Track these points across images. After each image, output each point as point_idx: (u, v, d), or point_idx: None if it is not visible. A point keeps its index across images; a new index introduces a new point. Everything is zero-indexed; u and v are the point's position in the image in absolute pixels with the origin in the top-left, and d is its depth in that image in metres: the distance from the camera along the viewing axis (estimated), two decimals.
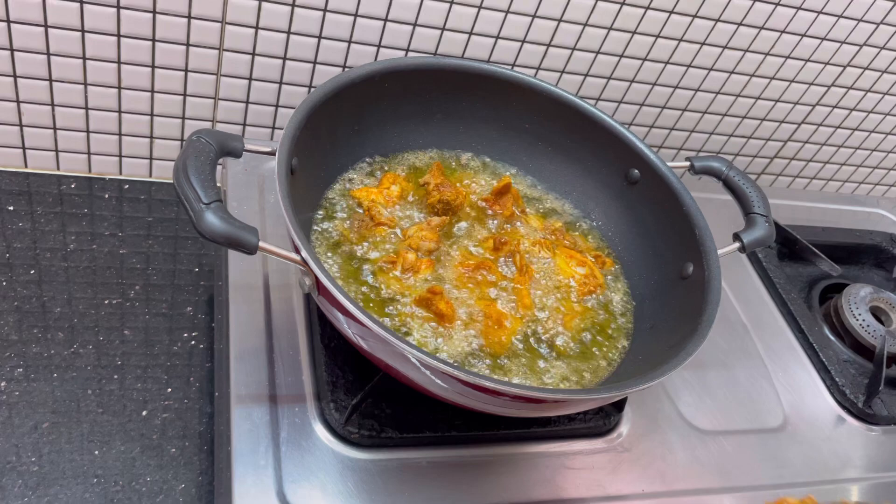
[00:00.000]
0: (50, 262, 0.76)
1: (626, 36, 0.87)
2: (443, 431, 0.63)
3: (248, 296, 0.68)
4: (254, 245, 0.51)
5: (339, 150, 0.71)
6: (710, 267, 0.65)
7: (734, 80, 0.96)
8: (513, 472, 0.64)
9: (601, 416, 0.69)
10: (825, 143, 1.10)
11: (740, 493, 0.70)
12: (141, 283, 0.78)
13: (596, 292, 0.71)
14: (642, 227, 0.74)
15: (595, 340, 0.68)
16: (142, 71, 0.78)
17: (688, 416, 0.74)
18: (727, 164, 0.73)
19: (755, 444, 0.75)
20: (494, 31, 0.84)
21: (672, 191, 0.70)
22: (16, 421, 0.65)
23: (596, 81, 0.92)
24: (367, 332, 0.52)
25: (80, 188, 0.85)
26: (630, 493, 0.66)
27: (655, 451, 0.70)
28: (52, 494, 0.61)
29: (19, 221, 0.79)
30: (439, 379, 0.53)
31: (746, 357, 0.83)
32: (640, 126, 0.99)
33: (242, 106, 0.85)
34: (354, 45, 0.81)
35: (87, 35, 0.74)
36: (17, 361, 0.68)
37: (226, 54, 0.79)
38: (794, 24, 0.91)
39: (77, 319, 0.73)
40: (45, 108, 0.79)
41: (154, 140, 0.85)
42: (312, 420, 0.61)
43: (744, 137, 1.05)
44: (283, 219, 0.55)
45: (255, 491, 0.56)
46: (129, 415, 0.68)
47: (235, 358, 0.63)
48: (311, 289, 0.54)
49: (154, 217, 0.84)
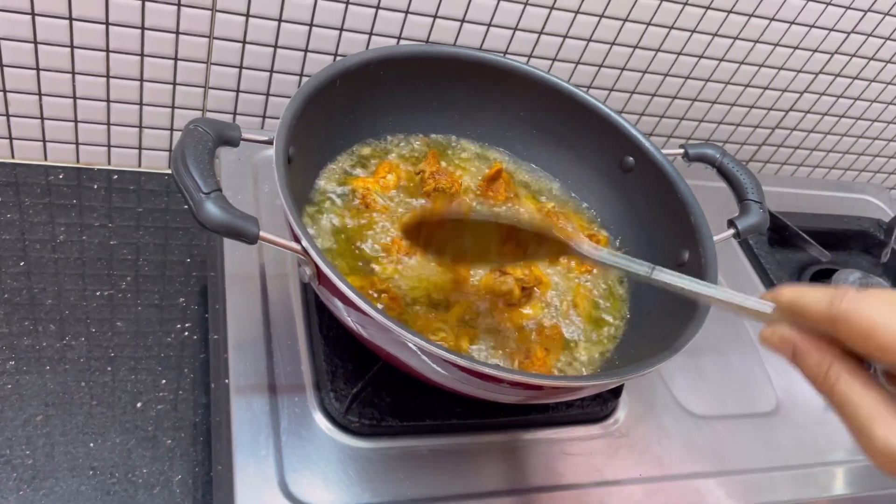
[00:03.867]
0: (39, 254, 0.75)
1: (618, 24, 0.87)
2: (443, 419, 0.63)
3: (244, 286, 0.68)
4: (254, 235, 0.50)
5: (333, 139, 0.71)
6: (706, 253, 0.65)
7: (724, 67, 0.96)
8: (512, 458, 0.65)
9: (598, 403, 0.69)
10: (813, 130, 1.11)
11: (735, 476, 0.71)
12: (132, 275, 0.77)
13: (591, 272, 0.72)
14: (637, 215, 0.75)
15: (592, 327, 0.68)
16: (131, 59, 0.77)
17: (683, 401, 0.75)
18: (721, 151, 0.74)
19: (749, 428, 0.76)
20: (486, 19, 0.83)
21: (667, 178, 0.71)
22: (8, 414, 0.64)
23: (587, 69, 0.92)
24: (367, 321, 0.52)
25: (68, 179, 0.84)
26: (627, 478, 0.67)
27: (651, 436, 0.71)
28: (47, 487, 0.61)
29: (7, 213, 0.77)
30: (439, 366, 0.53)
31: (739, 343, 0.83)
32: (630, 113, 1.00)
33: (233, 95, 0.84)
34: (346, 32, 0.81)
35: (75, 23, 0.73)
36: (9, 354, 0.68)
37: (216, 42, 0.78)
38: (783, 12, 0.91)
39: (68, 311, 0.72)
40: (33, 97, 0.78)
41: (143, 130, 0.84)
42: (312, 409, 0.61)
43: (733, 125, 1.06)
44: (278, 208, 0.54)
45: (257, 481, 0.56)
46: (124, 407, 0.67)
47: (234, 348, 0.63)
48: (311, 278, 0.54)
49: (144, 207, 0.83)
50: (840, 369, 0.36)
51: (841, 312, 0.35)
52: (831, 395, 0.36)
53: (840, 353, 0.37)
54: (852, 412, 0.35)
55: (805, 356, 0.37)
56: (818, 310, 0.37)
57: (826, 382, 0.36)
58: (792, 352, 0.38)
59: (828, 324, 0.36)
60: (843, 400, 0.36)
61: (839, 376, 0.36)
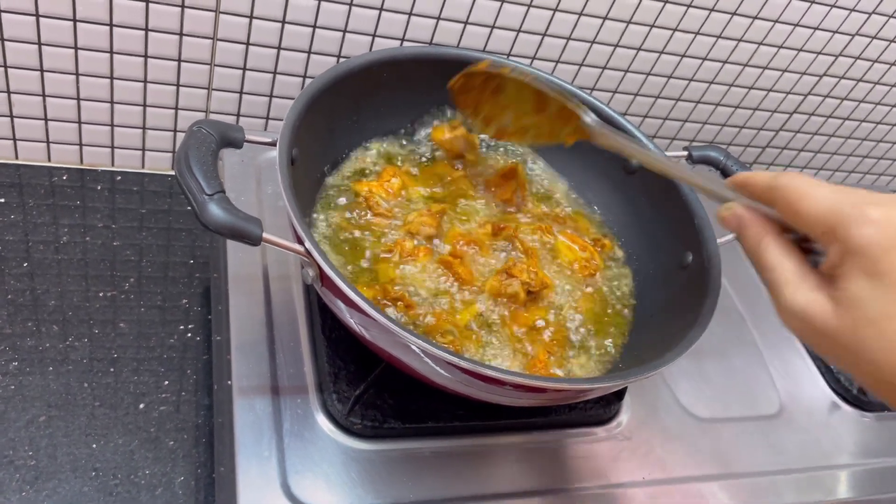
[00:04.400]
0: (43, 255, 0.75)
1: (621, 26, 0.87)
2: (445, 421, 0.63)
3: (247, 287, 0.68)
4: (258, 236, 0.50)
5: (337, 141, 0.71)
6: (710, 256, 0.65)
7: (728, 69, 0.96)
8: (515, 461, 0.64)
9: (601, 405, 0.69)
10: (817, 133, 1.10)
11: (738, 480, 0.71)
12: (135, 276, 0.77)
13: (595, 276, 0.71)
14: (641, 217, 0.75)
15: (595, 329, 0.68)
16: (134, 61, 0.77)
17: (686, 404, 0.75)
18: (725, 154, 0.74)
19: (752, 430, 0.75)
20: (490, 21, 0.83)
21: (671, 180, 0.70)
22: (11, 415, 0.64)
23: (591, 71, 0.92)
24: (370, 323, 0.52)
25: (71, 180, 0.84)
26: (630, 481, 0.67)
27: (655, 438, 0.71)
28: (50, 488, 0.61)
29: (11, 214, 0.78)
30: (441, 368, 0.53)
31: (743, 345, 0.83)
32: (634, 116, 1.00)
33: (236, 96, 0.84)
34: (350, 34, 0.81)
35: (79, 24, 0.73)
36: (12, 355, 0.68)
37: (219, 44, 0.78)
38: (787, 14, 0.91)
39: (71, 312, 0.72)
40: (37, 98, 0.78)
41: (147, 131, 0.84)
42: (315, 411, 0.61)
43: (737, 127, 1.06)
44: (282, 209, 0.54)
45: (260, 482, 0.56)
46: (126, 408, 0.67)
47: (237, 350, 0.63)
48: (314, 280, 0.54)
49: (147, 209, 0.83)
50: (770, 239, 0.42)
51: (780, 182, 0.41)
52: (759, 259, 0.42)
53: (776, 229, 0.42)
54: (771, 275, 0.41)
55: (747, 227, 0.43)
56: (763, 180, 0.43)
57: (758, 250, 0.42)
58: (738, 223, 0.44)
59: (768, 191, 0.42)
60: (767, 263, 0.41)
61: (769, 245, 0.41)
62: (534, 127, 0.68)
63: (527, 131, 0.69)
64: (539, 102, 0.66)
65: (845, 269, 0.37)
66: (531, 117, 0.67)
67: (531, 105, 0.66)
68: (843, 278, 0.37)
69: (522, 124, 0.68)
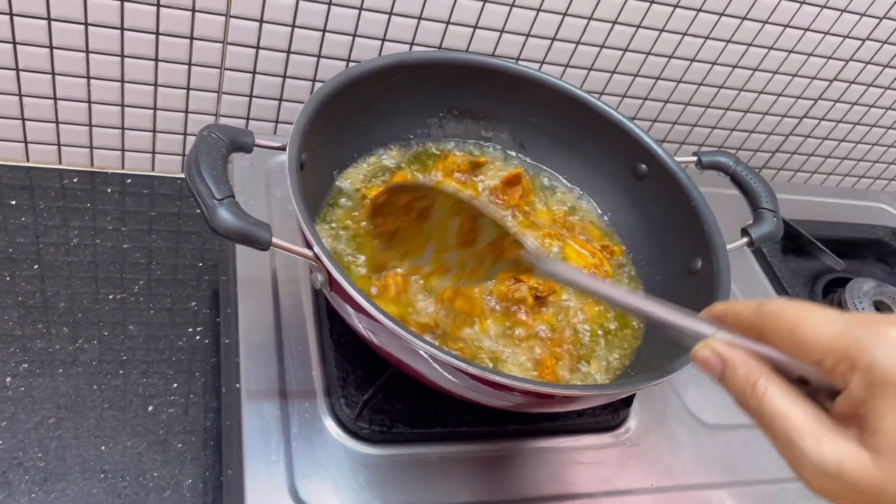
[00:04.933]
0: (53, 257, 0.76)
1: (631, 30, 0.87)
2: (453, 427, 0.63)
3: (256, 291, 0.68)
4: (267, 241, 0.50)
5: (346, 145, 0.71)
6: (719, 262, 0.65)
7: (737, 74, 0.96)
8: (522, 467, 0.64)
9: (610, 411, 0.69)
10: (827, 138, 1.10)
11: (747, 487, 0.70)
12: (144, 278, 0.77)
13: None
14: (650, 222, 0.74)
15: (604, 335, 0.68)
16: (145, 64, 0.78)
17: (695, 410, 0.75)
18: (734, 159, 0.73)
19: (761, 437, 0.74)
20: (499, 25, 0.83)
21: (680, 186, 0.70)
22: (21, 416, 0.64)
23: (600, 75, 0.92)
24: (378, 328, 0.52)
25: (82, 182, 0.84)
26: (638, 488, 0.66)
27: (663, 445, 0.70)
28: (59, 490, 0.61)
29: (21, 216, 0.78)
30: (449, 373, 0.53)
31: None
32: (643, 120, 0.99)
33: (246, 100, 0.84)
34: (359, 38, 0.81)
35: (91, 28, 0.74)
36: (22, 357, 0.68)
37: (230, 48, 0.78)
38: (797, 19, 0.91)
39: (81, 314, 0.72)
40: (48, 101, 0.79)
41: (157, 134, 0.85)
42: (323, 415, 0.61)
43: (746, 132, 1.05)
44: (291, 213, 0.54)
45: (267, 486, 0.56)
46: (135, 410, 0.67)
47: (245, 353, 0.63)
48: (322, 285, 0.54)
49: (157, 212, 0.84)
50: (768, 382, 0.35)
51: (769, 312, 0.35)
52: (759, 407, 0.35)
53: (768, 369, 0.36)
54: (781, 425, 0.33)
55: (735, 368, 0.36)
56: (748, 312, 0.37)
57: (755, 395, 0.35)
58: (722, 366, 0.37)
59: (757, 323, 0.36)
60: (772, 413, 0.34)
61: (767, 388, 0.35)
62: (457, 265, 0.59)
63: (446, 270, 0.60)
64: (469, 232, 0.57)
65: (876, 404, 0.31)
66: (456, 251, 0.58)
67: (459, 237, 0.58)
68: (876, 417, 0.31)
69: (442, 262, 0.59)
